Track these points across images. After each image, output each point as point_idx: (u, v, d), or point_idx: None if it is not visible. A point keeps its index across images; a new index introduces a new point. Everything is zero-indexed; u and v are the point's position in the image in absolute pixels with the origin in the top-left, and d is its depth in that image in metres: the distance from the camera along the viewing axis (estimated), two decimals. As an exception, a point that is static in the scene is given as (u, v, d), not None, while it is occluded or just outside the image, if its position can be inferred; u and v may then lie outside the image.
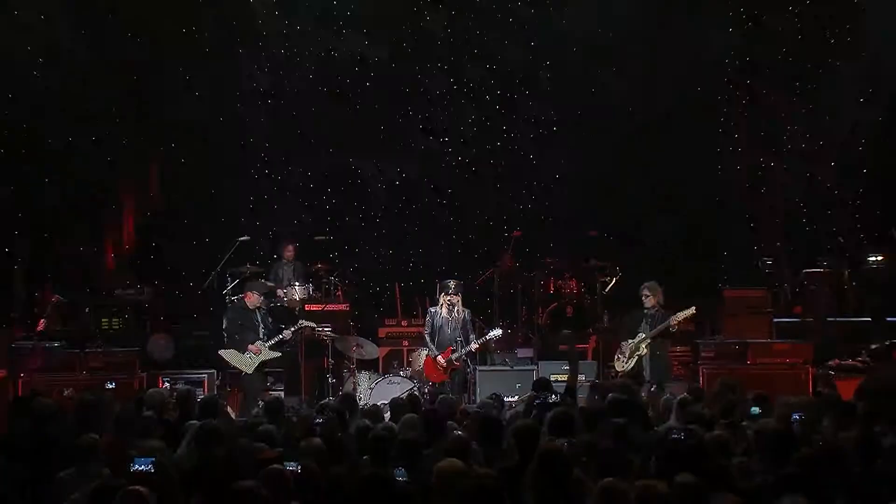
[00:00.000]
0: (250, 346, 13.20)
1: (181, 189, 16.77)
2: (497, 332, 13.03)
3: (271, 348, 13.31)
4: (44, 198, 15.88)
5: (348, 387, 13.84)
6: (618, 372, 12.94)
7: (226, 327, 13.90)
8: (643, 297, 12.94)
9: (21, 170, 15.67)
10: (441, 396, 10.13)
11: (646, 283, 13.23)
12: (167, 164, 16.76)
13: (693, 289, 15.84)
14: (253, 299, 13.50)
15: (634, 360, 12.73)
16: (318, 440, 7.49)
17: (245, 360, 13.26)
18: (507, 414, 9.76)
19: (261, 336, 13.33)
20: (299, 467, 6.26)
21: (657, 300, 12.90)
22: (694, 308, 12.70)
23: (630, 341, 12.87)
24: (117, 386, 12.06)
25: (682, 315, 12.66)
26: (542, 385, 10.40)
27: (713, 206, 16.99)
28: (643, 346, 12.69)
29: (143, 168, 16.78)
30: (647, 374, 12.57)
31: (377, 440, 7.27)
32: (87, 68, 16.13)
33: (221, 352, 13.46)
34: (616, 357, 12.98)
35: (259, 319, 13.47)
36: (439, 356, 12.91)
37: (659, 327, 12.60)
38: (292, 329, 13.35)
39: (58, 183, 16.11)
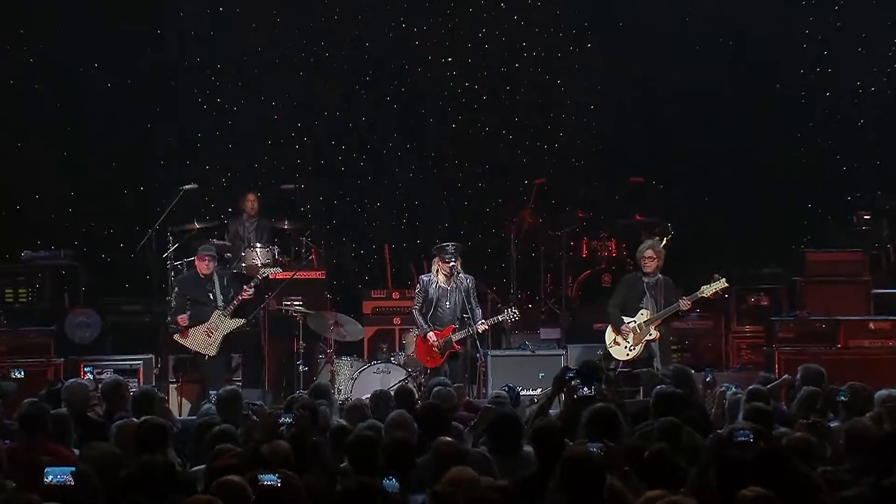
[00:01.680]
0: (198, 328, 13.18)
1: (107, 122, 16.68)
2: (513, 313, 13.01)
3: (233, 316, 13.28)
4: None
5: (324, 377, 13.85)
6: (620, 362, 12.93)
7: (173, 305, 13.88)
8: (643, 260, 12.91)
9: None
10: (437, 388, 10.12)
11: (647, 242, 13.19)
12: (86, 89, 16.67)
13: (767, 249, 15.85)
14: (204, 266, 13.46)
15: (641, 346, 12.73)
16: (284, 444, 7.48)
17: (202, 342, 13.29)
18: (528, 411, 9.76)
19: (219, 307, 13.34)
20: (279, 480, 6.25)
21: (659, 264, 12.89)
22: (724, 280, 12.66)
23: (631, 321, 12.82)
24: (26, 375, 12.04)
25: (709, 289, 12.63)
26: (589, 368, 10.36)
27: (793, 141, 16.89)
28: (652, 327, 12.67)
29: (57, 93, 16.66)
30: (657, 362, 12.57)
31: (360, 443, 7.26)
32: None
33: (177, 337, 13.50)
34: (612, 341, 12.96)
35: (217, 290, 13.39)
36: (431, 333, 12.89)
37: (681, 303, 12.54)
38: (252, 284, 13.29)
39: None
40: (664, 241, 15.23)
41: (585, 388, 8.91)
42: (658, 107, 16.98)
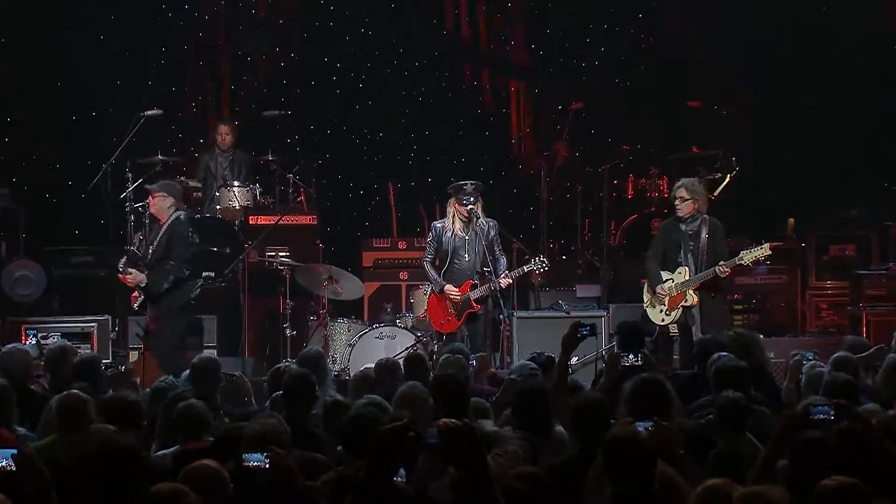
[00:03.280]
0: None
1: (50, 32, 16.64)
2: (541, 262, 13.01)
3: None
4: None
5: (316, 342, 13.90)
6: (657, 327, 12.99)
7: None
8: (676, 201, 12.87)
9: None
10: (444, 356, 10.13)
11: (689, 179, 13.12)
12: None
13: (853, 188, 15.76)
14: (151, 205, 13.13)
15: (678, 311, 12.76)
16: (272, 422, 7.52)
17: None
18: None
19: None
20: (268, 461, 6.27)
21: (698, 207, 12.82)
22: (768, 246, 12.61)
23: (669, 279, 12.82)
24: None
25: (749, 255, 12.59)
26: (629, 333, 10.38)
27: (886, 55, 16.74)
28: (691, 292, 12.68)
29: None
30: (696, 330, 12.57)
31: (359, 422, 7.29)
32: None
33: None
34: (647, 302, 12.98)
35: (154, 243, 13.07)
36: (448, 285, 12.87)
37: (718, 269, 12.51)
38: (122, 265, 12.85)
39: None
40: (727, 179, 15.24)
41: (632, 356, 8.92)
42: (724, 16, 16.86)
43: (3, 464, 6.03)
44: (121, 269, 12.81)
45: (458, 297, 12.85)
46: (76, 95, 16.68)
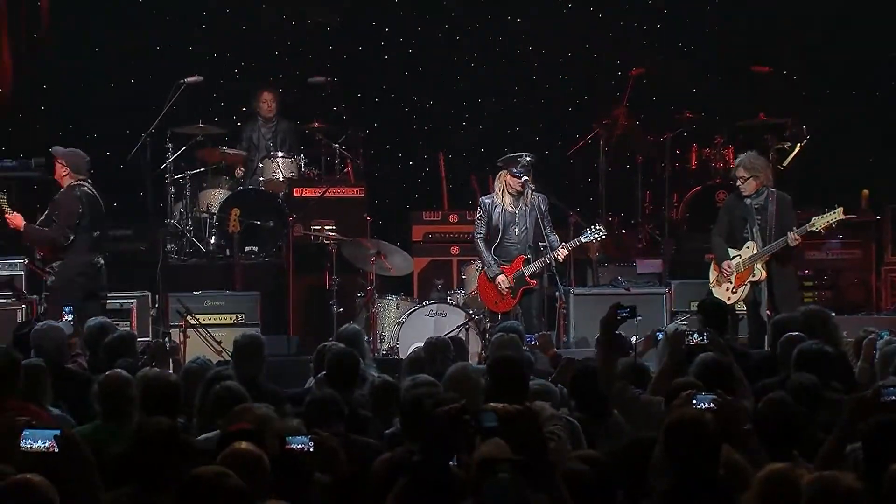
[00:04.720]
0: None
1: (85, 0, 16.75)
2: (598, 230, 13.00)
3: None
4: None
5: (363, 320, 13.95)
6: None
7: None
8: (736, 181, 12.82)
9: None
10: (498, 335, 10.12)
11: (745, 155, 13.06)
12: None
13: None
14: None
15: (746, 287, 12.74)
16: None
17: None
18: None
19: None
20: (311, 444, 6.30)
21: (762, 182, 12.77)
22: (841, 210, 12.55)
23: (736, 256, 12.80)
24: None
25: (821, 221, 12.55)
26: (714, 312, 10.38)
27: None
28: (759, 265, 12.66)
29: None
30: (763, 309, 12.55)
31: (415, 403, 7.34)
32: None
33: None
34: (716, 280, 12.97)
35: None
36: (501, 276, 12.92)
37: (789, 237, 12.46)
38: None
39: None
40: (797, 149, 15.18)
41: (697, 336, 8.93)
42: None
43: (46, 445, 5.99)
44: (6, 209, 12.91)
45: (509, 289, 12.88)
46: (114, 62, 16.76)
